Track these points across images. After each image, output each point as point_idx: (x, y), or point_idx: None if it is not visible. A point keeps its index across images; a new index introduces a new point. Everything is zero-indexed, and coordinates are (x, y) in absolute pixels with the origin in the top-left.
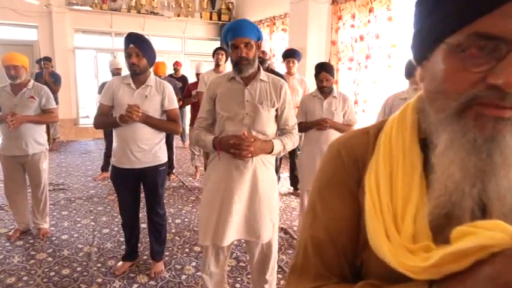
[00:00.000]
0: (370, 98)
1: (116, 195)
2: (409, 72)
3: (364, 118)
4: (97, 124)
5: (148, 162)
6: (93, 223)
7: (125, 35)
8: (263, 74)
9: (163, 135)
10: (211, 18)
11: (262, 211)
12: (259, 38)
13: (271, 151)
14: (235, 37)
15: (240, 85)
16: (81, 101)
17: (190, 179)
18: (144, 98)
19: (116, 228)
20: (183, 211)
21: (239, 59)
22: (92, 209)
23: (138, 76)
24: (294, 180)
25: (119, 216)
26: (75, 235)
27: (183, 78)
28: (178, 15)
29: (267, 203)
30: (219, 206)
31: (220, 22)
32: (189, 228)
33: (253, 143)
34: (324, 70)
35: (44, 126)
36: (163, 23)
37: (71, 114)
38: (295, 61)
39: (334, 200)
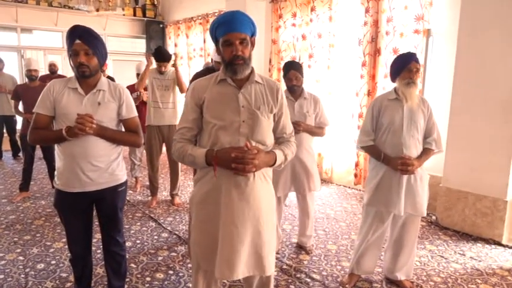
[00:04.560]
0: None
1: (54, 219)
2: (398, 71)
3: None
4: (35, 140)
5: (105, 182)
6: (21, 257)
7: (68, 29)
8: (257, 75)
9: (120, 149)
10: (135, 14)
11: (268, 236)
12: (253, 34)
13: (274, 163)
14: (229, 32)
15: (232, 88)
16: None
17: (131, 192)
18: (97, 106)
19: (53, 262)
20: (132, 231)
21: (233, 58)
22: (16, 239)
23: (86, 79)
24: None
25: (54, 245)
26: (1, 276)
27: (110, 80)
28: (97, 10)
29: (270, 224)
30: (220, 233)
31: (145, 19)
32: (144, 252)
33: (257, 155)
34: (292, 68)
35: None
36: (79, 18)
37: None
38: None
39: None
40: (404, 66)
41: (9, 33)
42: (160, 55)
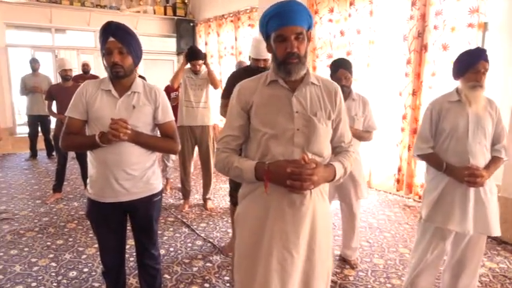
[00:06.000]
0: None
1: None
2: (462, 71)
3: None
4: (67, 146)
5: (139, 192)
6: (54, 264)
7: (101, 26)
8: (312, 76)
9: (156, 156)
10: (165, 13)
11: (322, 262)
12: (310, 26)
13: (333, 178)
14: (283, 26)
15: (285, 91)
16: (18, 106)
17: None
18: (131, 109)
19: (85, 269)
20: (165, 237)
21: (288, 55)
22: (49, 243)
23: (120, 80)
24: None
25: (86, 251)
26: (33, 284)
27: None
28: (129, 9)
29: (326, 248)
30: (271, 260)
31: (175, 17)
32: (178, 261)
33: (316, 170)
34: (342, 67)
35: None
36: (111, 18)
37: (6, 123)
38: None
39: None
40: (471, 66)
41: (44, 33)
42: (194, 53)
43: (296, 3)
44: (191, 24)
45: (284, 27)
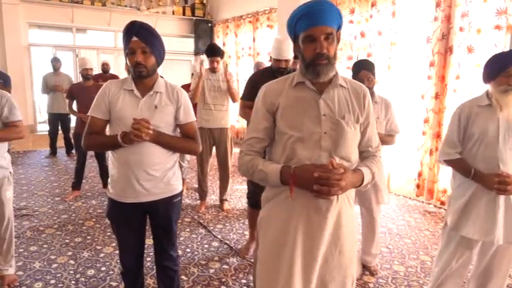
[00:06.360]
0: None
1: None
2: (493, 74)
3: None
4: (89, 146)
5: (160, 193)
6: (72, 261)
7: (125, 25)
8: (341, 77)
9: (177, 157)
10: (184, 14)
11: (341, 268)
12: (339, 27)
13: (360, 184)
14: (313, 26)
15: (312, 93)
16: (38, 104)
17: None
18: (153, 109)
19: (103, 268)
20: (181, 238)
21: (317, 56)
22: (67, 241)
23: (143, 80)
24: None
25: (104, 250)
26: (52, 281)
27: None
28: (148, 9)
29: (349, 255)
30: (295, 266)
31: (194, 18)
32: (194, 262)
33: (344, 175)
34: (364, 68)
35: (5, 145)
36: (131, 18)
37: (27, 120)
38: None
39: None
40: (503, 69)
41: (66, 33)
42: (212, 50)
43: (327, 3)
44: (209, 24)
45: (313, 28)
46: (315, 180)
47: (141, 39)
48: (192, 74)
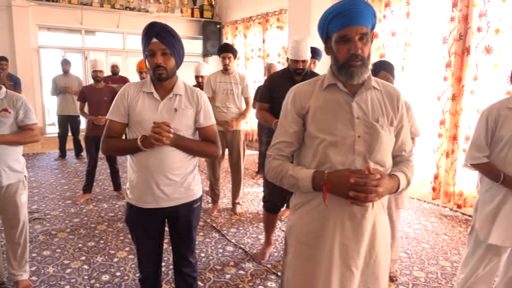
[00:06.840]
0: None
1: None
2: None
3: None
4: (108, 150)
5: (180, 198)
6: (86, 266)
7: (145, 27)
8: (373, 79)
9: (197, 161)
10: (192, 15)
11: (377, 277)
12: (373, 26)
13: (396, 190)
14: (347, 26)
15: (344, 95)
16: (47, 106)
17: None
18: (173, 112)
19: (118, 273)
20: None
21: (351, 57)
22: (80, 245)
23: (163, 82)
24: None
25: (117, 254)
26: (67, 287)
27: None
28: (157, 11)
29: (384, 263)
30: (332, 277)
31: (202, 19)
32: (210, 268)
33: (381, 181)
34: (383, 69)
35: (20, 149)
36: (140, 20)
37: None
38: (316, 61)
39: None
40: None
41: (75, 35)
42: (224, 47)
43: (361, 1)
44: (218, 26)
45: (348, 27)
46: (351, 187)
47: (161, 41)
48: (196, 76)
